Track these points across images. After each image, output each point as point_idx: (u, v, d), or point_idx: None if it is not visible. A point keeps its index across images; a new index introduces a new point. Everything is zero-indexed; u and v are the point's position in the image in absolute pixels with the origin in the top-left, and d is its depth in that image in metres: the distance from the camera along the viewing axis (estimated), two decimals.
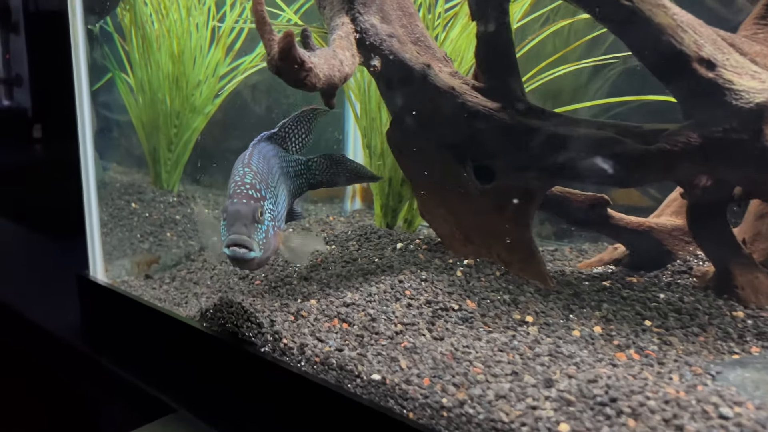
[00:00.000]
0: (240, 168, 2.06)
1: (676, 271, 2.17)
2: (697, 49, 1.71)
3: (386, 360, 1.73)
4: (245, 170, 2.04)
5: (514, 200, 2.09)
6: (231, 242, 1.87)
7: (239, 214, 1.89)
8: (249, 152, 2.14)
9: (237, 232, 1.87)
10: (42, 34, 3.62)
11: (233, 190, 1.97)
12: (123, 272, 2.69)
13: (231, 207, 1.91)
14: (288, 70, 1.82)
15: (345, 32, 2.11)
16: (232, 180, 2.03)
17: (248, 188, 1.97)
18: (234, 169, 2.10)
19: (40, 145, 3.69)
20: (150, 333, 2.37)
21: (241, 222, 1.88)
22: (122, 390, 2.38)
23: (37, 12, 3.69)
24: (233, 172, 2.08)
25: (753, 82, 1.69)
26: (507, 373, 1.59)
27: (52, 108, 3.56)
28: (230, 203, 1.92)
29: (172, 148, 3.18)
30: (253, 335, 1.95)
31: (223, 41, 3.13)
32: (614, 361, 1.67)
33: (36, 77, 3.64)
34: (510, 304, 1.96)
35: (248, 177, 2.02)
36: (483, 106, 2.02)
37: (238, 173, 2.04)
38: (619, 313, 1.94)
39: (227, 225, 1.90)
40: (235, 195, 1.94)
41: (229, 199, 1.96)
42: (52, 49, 3.58)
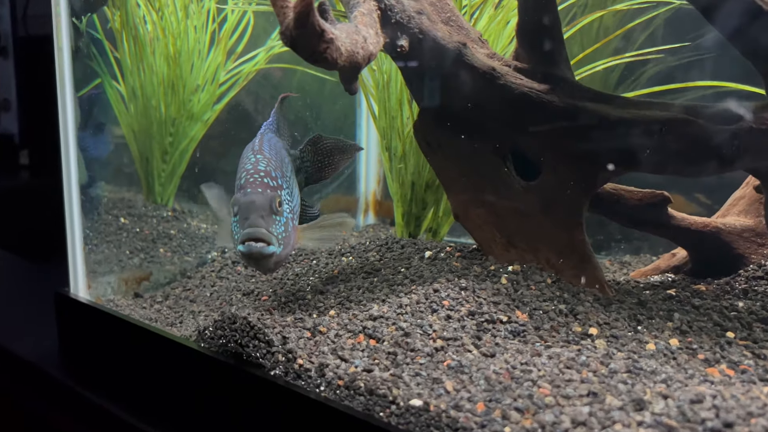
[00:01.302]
0: (251, 155, 1.83)
1: (751, 276, 1.88)
2: None
3: (427, 381, 1.42)
4: (257, 157, 1.81)
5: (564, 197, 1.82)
6: (247, 237, 1.63)
7: (254, 205, 1.65)
8: (258, 140, 1.92)
9: (253, 224, 1.63)
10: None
11: (245, 180, 1.73)
12: (108, 290, 2.38)
13: (244, 198, 1.67)
14: (305, 41, 1.56)
15: (367, 9, 1.86)
16: (242, 169, 1.79)
17: (263, 176, 1.73)
18: (243, 158, 1.87)
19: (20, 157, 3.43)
20: (138, 357, 2.05)
21: (258, 214, 1.65)
22: (107, 425, 2.04)
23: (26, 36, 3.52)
24: (242, 161, 1.85)
25: None
26: (582, 393, 1.28)
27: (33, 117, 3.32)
28: (242, 194, 1.69)
29: (166, 158, 2.90)
30: (261, 356, 1.63)
31: (224, 42, 2.88)
32: (709, 378, 1.37)
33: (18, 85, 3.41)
34: (567, 315, 1.66)
35: (262, 164, 1.78)
36: (529, 87, 1.76)
37: (249, 161, 1.81)
38: (694, 323, 1.65)
39: (240, 218, 1.66)
40: (248, 184, 1.71)
41: (240, 189, 1.72)
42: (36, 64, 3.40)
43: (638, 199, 1.91)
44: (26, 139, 3.72)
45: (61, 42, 2.34)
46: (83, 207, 2.40)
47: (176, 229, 2.76)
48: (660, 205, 1.90)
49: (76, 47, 2.40)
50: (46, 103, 2.48)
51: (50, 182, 2.48)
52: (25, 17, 3.51)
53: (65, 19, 2.34)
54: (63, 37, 2.34)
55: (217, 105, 2.96)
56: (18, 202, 3.57)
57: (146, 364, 2.02)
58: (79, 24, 2.59)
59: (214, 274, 2.41)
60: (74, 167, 2.35)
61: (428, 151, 1.99)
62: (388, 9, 1.84)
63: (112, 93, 2.89)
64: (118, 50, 2.83)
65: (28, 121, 3.69)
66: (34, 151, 3.48)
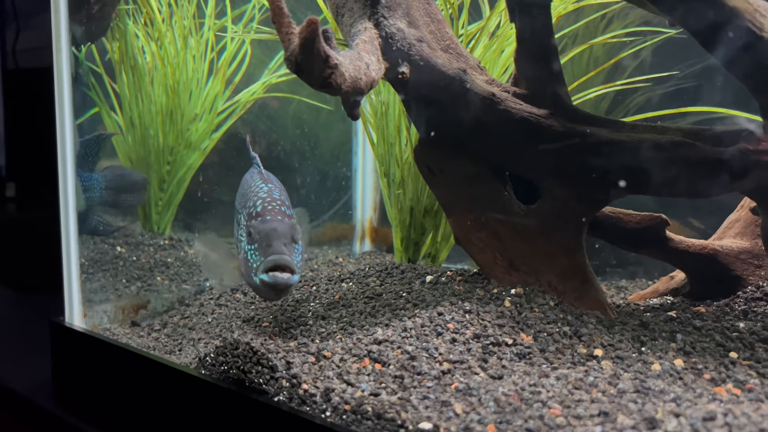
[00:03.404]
0: (261, 184, 1.85)
1: (750, 298, 1.90)
2: None
3: (436, 404, 1.41)
4: (269, 186, 1.84)
5: (564, 220, 1.84)
6: (273, 265, 1.60)
7: (276, 232, 1.65)
8: (263, 172, 1.94)
9: (278, 251, 1.61)
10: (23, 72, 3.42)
11: (262, 207, 1.74)
12: (105, 319, 2.35)
13: (264, 225, 1.67)
14: (310, 67, 1.58)
15: (369, 37, 1.90)
16: (255, 197, 1.80)
17: (279, 204, 1.76)
18: (251, 187, 1.89)
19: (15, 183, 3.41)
20: (137, 387, 2.01)
21: (280, 241, 1.64)
22: None
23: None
24: (251, 190, 1.87)
25: None
26: (594, 413, 1.28)
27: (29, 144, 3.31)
28: (261, 222, 1.69)
29: (164, 186, 2.90)
30: (264, 381, 1.61)
31: (223, 72, 2.91)
32: (717, 397, 1.37)
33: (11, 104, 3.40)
34: (572, 337, 1.66)
35: (276, 193, 1.81)
36: (528, 112, 1.80)
37: (261, 189, 1.83)
38: (697, 344, 1.66)
39: (261, 246, 1.64)
40: (266, 212, 1.71)
41: (255, 218, 1.72)
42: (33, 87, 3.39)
43: (636, 222, 1.93)
44: (23, 166, 3.70)
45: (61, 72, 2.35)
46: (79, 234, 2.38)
47: (173, 257, 2.75)
48: (658, 228, 1.92)
49: (76, 75, 2.41)
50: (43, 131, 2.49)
51: (47, 210, 2.47)
52: (21, 46, 3.53)
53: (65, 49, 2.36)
54: (63, 66, 2.36)
55: (215, 134, 2.98)
56: (13, 230, 3.54)
57: (145, 393, 1.99)
58: (78, 54, 2.61)
59: (213, 301, 2.39)
60: (71, 195, 2.34)
61: (429, 176, 2.01)
62: (389, 37, 1.87)
63: (110, 123, 2.90)
64: (117, 82, 2.85)
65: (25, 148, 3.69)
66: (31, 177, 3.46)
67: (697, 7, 1.54)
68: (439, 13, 2.02)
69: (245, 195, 1.90)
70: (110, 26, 2.77)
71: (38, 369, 2.31)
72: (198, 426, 1.80)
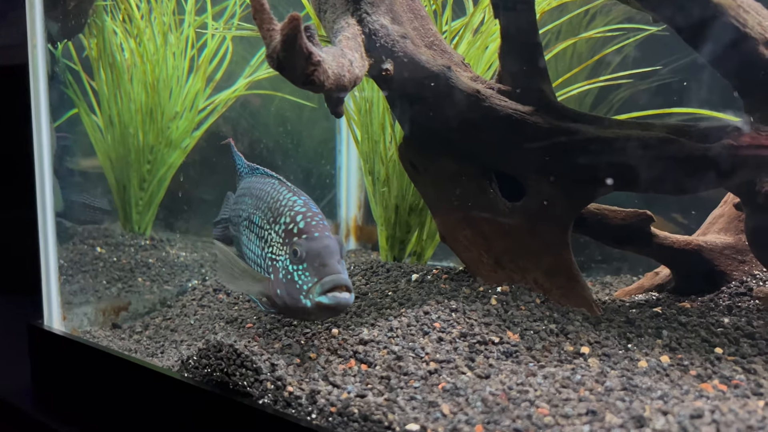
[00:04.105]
0: (290, 195, 1.70)
1: (734, 293, 1.90)
2: (762, 31, 1.52)
3: (423, 405, 1.39)
4: (303, 198, 1.68)
5: (550, 217, 1.83)
6: (332, 285, 1.48)
7: (329, 250, 1.53)
8: (280, 181, 1.83)
9: (335, 270, 1.50)
10: None
11: (305, 223, 1.59)
12: (85, 321, 2.30)
13: (315, 243, 1.54)
14: (292, 64, 1.55)
15: (352, 33, 1.87)
16: (291, 211, 1.64)
17: (321, 218, 1.62)
18: (278, 200, 1.71)
19: None
20: (118, 390, 1.97)
21: (335, 259, 1.52)
22: None
23: None
24: (281, 203, 1.69)
25: None
26: (581, 412, 1.27)
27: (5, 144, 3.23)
28: (308, 239, 1.55)
29: (144, 186, 2.85)
30: (248, 384, 1.58)
31: (204, 69, 2.87)
32: (704, 394, 1.37)
33: None
34: (558, 335, 1.66)
35: (312, 205, 1.66)
36: (513, 109, 1.78)
37: (294, 203, 1.66)
38: (683, 340, 1.66)
39: (312, 266, 1.52)
40: (312, 228, 1.57)
41: (299, 235, 1.57)
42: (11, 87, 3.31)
43: (621, 219, 1.93)
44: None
45: (36, 70, 2.30)
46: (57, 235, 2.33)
47: (155, 257, 2.70)
48: (643, 225, 1.92)
49: (52, 73, 2.36)
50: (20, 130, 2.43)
51: (24, 211, 2.41)
52: None
53: (41, 47, 2.31)
54: (39, 64, 2.30)
55: (196, 132, 2.93)
56: None
57: (127, 397, 1.95)
58: (55, 51, 2.55)
59: (196, 302, 2.36)
60: (49, 195, 2.29)
61: (414, 173, 1.99)
62: (373, 33, 1.85)
63: (89, 122, 2.84)
64: (95, 79, 2.79)
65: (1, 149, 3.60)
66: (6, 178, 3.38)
67: (681, 4, 1.53)
68: (423, 9, 2.00)
69: (272, 209, 1.71)
70: (87, 23, 2.71)
71: (17, 373, 2.26)
72: (181, 430, 1.77)
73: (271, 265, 1.66)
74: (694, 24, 1.53)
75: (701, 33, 1.52)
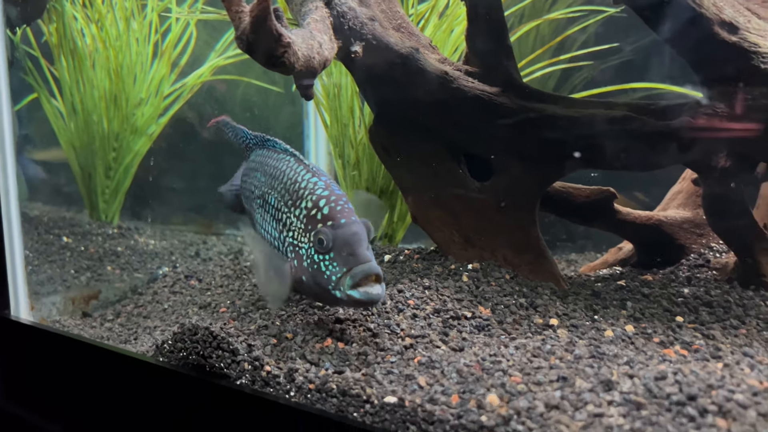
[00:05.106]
0: (310, 177, 1.57)
1: (693, 265, 1.99)
2: (717, 11, 1.58)
3: (400, 378, 1.43)
4: (324, 180, 1.56)
5: (517, 196, 1.88)
6: (364, 276, 1.39)
7: (357, 237, 1.42)
8: (297, 158, 1.68)
9: (364, 259, 1.40)
10: None
11: (329, 208, 1.47)
12: (54, 311, 2.27)
13: (342, 231, 1.42)
14: (262, 45, 1.56)
15: (320, 16, 1.88)
16: (312, 194, 1.52)
17: (345, 201, 1.50)
18: (296, 182, 1.59)
19: None
20: (91, 378, 1.96)
21: (363, 247, 1.42)
22: None
23: None
24: (300, 185, 1.57)
25: None
26: (553, 379, 1.33)
27: None
28: (334, 226, 1.44)
29: (110, 174, 2.81)
30: (225, 366, 1.59)
31: (168, 54, 2.83)
32: (667, 358, 1.44)
33: None
34: (528, 308, 1.71)
35: (335, 187, 1.55)
36: (481, 90, 1.82)
37: (315, 185, 1.54)
38: (646, 310, 1.73)
39: (340, 255, 1.42)
40: (336, 214, 1.46)
41: (323, 221, 1.46)
42: None
43: (586, 196, 1.99)
44: None
45: None
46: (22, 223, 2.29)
47: (123, 246, 2.68)
48: (606, 201, 1.99)
49: (12, 58, 2.30)
50: None
51: None
52: None
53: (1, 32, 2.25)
54: None
55: (162, 118, 2.90)
56: None
57: (100, 385, 1.94)
58: (14, 37, 2.49)
59: (167, 289, 2.35)
60: (12, 183, 2.24)
61: (384, 155, 2.02)
62: (341, 16, 1.86)
63: (50, 109, 2.79)
64: (55, 65, 2.73)
65: None
66: None
67: None
68: None
69: (290, 191, 1.59)
70: (46, 7, 2.64)
71: None
72: (158, 414, 1.77)
73: (294, 252, 1.56)
74: (652, 4, 1.58)
75: (659, 13, 1.57)
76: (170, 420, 1.74)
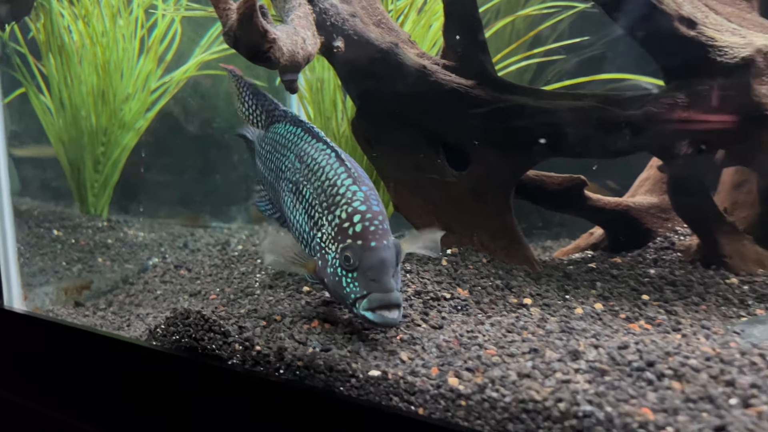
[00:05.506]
0: (350, 183, 1.52)
1: (659, 247, 2.10)
2: (677, 7, 1.68)
3: (383, 354, 1.52)
4: (363, 189, 1.50)
5: (493, 184, 1.98)
6: (383, 304, 1.39)
7: (384, 265, 1.40)
8: (338, 156, 1.59)
9: (387, 288, 1.39)
10: None
11: (363, 227, 1.43)
12: (47, 301, 2.34)
13: (370, 256, 1.40)
14: (249, 41, 1.64)
15: (303, 12, 1.96)
16: (347, 204, 1.48)
17: (381, 220, 1.45)
18: (334, 185, 1.53)
19: None
20: (86, 365, 2.03)
21: (389, 275, 1.41)
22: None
23: None
24: (337, 190, 1.52)
25: (734, 38, 1.67)
26: (525, 351, 1.43)
27: None
28: (363, 248, 1.41)
29: (99, 168, 2.86)
30: (217, 347, 1.68)
31: (154, 50, 2.89)
32: (631, 331, 1.54)
33: None
34: (503, 289, 1.81)
35: (373, 200, 1.48)
36: (457, 83, 1.91)
37: (354, 194, 1.49)
38: (614, 290, 1.84)
39: (364, 277, 1.41)
40: (369, 234, 1.42)
41: (354, 238, 1.43)
42: None
43: (558, 184, 2.09)
44: None
45: None
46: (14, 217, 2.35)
47: (113, 238, 2.74)
48: (577, 188, 2.09)
49: (2, 54, 2.36)
50: None
51: None
52: None
53: None
54: None
55: (149, 113, 2.96)
56: None
57: (95, 370, 2.01)
58: (2, 34, 2.54)
59: (158, 279, 2.42)
60: (4, 177, 2.30)
61: (367, 147, 2.10)
62: (323, 12, 1.94)
63: (39, 105, 2.84)
64: (43, 62, 2.78)
65: None
66: None
67: None
68: None
69: (327, 193, 1.54)
70: (34, 5, 2.69)
71: None
72: (152, 396, 1.85)
73: (320, 252, 1.54)
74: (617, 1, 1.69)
75: (622, 9, 1.68)
76: (165, 401, 1.82)
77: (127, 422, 1.89)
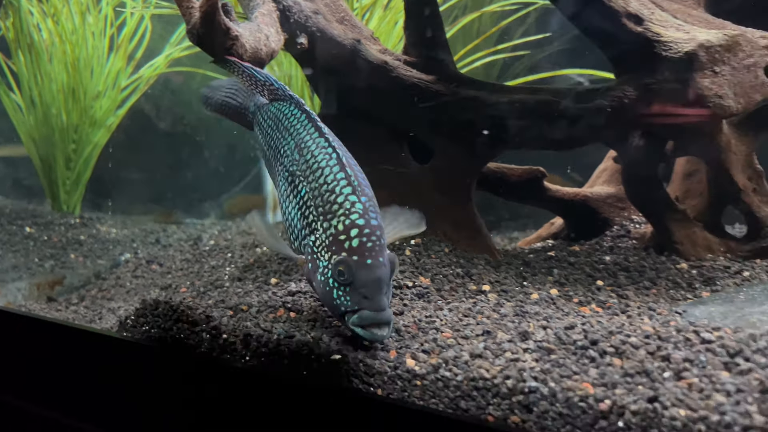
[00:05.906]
0: (350, 194, 1.45)
1: (615, 235, 2.19)
2: (624, 4, 1.76)
3: (345, 339, 1.58)
4: (362, 200, 1.44)
5: (455, 176, 2.04)
6: (373, 322, 1.37)
7: (379, 283, 1.37)
8: (338, 159, 1.52)
9: (379, 307, 1.37)
10: None
11: (359, 242, 1.39)
12: (19, 296, 2.36)
13: (366, 273, 1.37)
14: (212, 39, 1.70)
15: (267, 9, 2.01)
16: (345, 214, 1.42)
17: (379, 235, 1.41)
18: (331, 188, 1.47)
19: None
20: (58, 357, 2.06)
21: (383, 293, 1.38)
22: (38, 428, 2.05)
23: None
24: (336, 195, 1.46)
25: (679, 33, 1.75)
26: (478, 333, 1.49)
27: None
28: (358, 264, 1.37)
29: (71, 165, 2.88)
30: (185, 336, 1.73)
31: (124, 47, 2.91)
32: (581, 314, 1.62)
33: None
34: (464, 277, 1.88)
35: (372, 212, 1.43)
36: (418, 78, 1.98)
37: (353, 208, 1.43)
38: (570, 276, 1.92)
39: (355, 293, 1.38)
40: (366, 251, 1.38)
41: (349, 252, 1.39)
42: None
43: (518, 176, 2.16)
44: None
45: None
46: None
47: (86, 234, 2.76)
48: (537, 180, 2.17)
49: None
50: None
51: None
52: None
53: None
54: None
55: (119, 110, 2.98)
56: None
57: (67, 363, 2.04)
58: None
59: (130, 274, 2.45)
60: None
61: None
62: (287, 9, 2.00)
63: (9, 103, 2.85)
64: (13, 59, 2.79)
65: None
66: None
67: None
68: None
69: (324, 198, 1.47)
70: (2, 3, 2.71)
71: None
72: (123, 386, 1.89)
73: (310, 255, 1.49)
74: None
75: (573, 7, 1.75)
76: (136, 390, 1.86)
77: (99, 411, 1.93)
